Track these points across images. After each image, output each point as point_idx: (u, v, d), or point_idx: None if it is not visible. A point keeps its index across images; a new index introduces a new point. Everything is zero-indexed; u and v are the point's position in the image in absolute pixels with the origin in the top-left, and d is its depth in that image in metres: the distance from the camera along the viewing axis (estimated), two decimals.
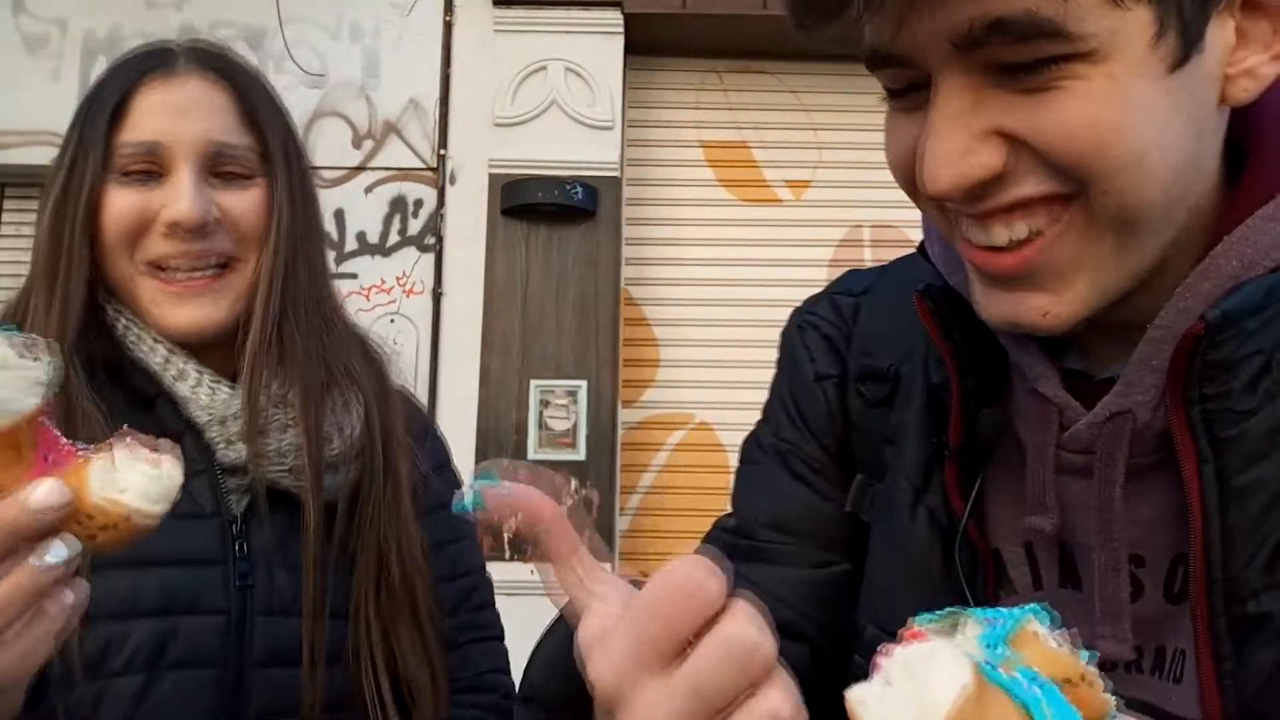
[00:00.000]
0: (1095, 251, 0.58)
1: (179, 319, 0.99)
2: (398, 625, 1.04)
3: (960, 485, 0.71)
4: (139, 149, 0.99)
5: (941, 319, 0.69)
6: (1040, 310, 0.60)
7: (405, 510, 1.07)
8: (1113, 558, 0.64)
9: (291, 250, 1.04)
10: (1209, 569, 0.59)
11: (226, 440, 0.99)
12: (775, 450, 0.85)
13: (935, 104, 0.58)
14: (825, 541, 0.81)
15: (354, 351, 1.12)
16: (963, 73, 0.57)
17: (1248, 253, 0.60)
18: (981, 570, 0.70)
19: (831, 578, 0.80)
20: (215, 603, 0.96)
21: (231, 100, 1.04)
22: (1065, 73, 0.54)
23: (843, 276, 0.90)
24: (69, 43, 4.41)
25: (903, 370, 0.78)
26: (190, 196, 0.97)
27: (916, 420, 0.75)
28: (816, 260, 4.51)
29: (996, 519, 0.72)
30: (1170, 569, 0.65)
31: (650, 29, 4.43)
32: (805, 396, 0.85)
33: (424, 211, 4.38)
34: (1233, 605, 0.58)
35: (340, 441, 1.03)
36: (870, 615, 0.76)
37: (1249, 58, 0.58)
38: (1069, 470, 0.66)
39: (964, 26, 0.54)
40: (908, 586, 0.73)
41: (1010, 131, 0.56)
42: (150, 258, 0.99)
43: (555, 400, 4.16)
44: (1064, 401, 0.66)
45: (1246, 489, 0.58)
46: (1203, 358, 0.59)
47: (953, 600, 0.68)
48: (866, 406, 0.81)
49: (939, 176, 0.58)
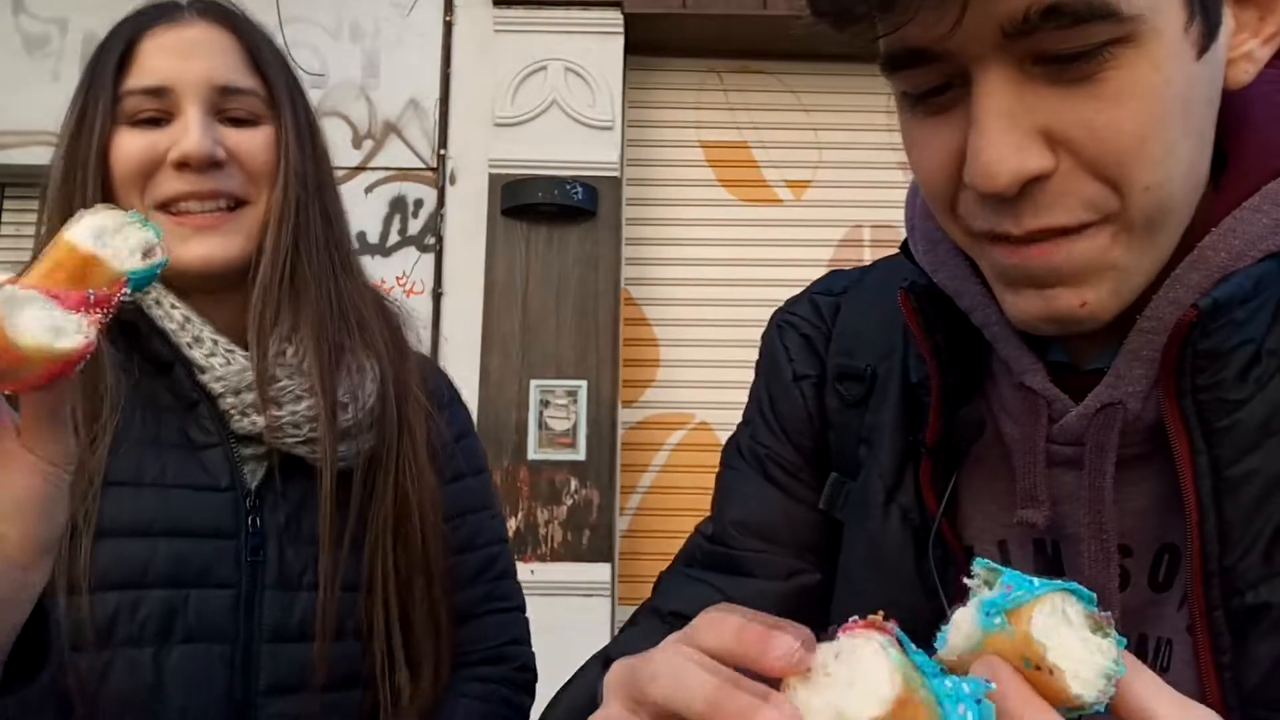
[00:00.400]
0: (1127, 254, 0.58)
1: (191, 254, 0.98)
2: (413, 590, 1.04)
3: (934, 483, 0.71)
4: (146, 93, 0.99)
5: (924, 316, 0.69)
6: (1078, 300, 0.59)
7: (425, 476, 1.07)
8: (1103, 550, 0.64)
9: (301, 190, 1.04)
10: (1205, 561, 0.59)
11: (241, 410, 0.99)
12: (753, 454, 0.85)
13: (981, 100, 0.56)
14: (798, 548, 0.81)
15: (369, 305, 1.11)
16: (1005, 65, 0.55)
17: (1235, 244, 0.60)
18: (954, 569, 0.70)
19: (802, 589, 0.80)
20: (226, 576, 0.96)
21: (236, 44, 1.04)
22: (1112, 59, 0.54)
23: (824, 276, 0.91)
24: (69, 43, 4.41)
25: (879, 369, 0.78)
26: (198, 132, 0.98)
27: (891, 419, 0.74)
28: (816, 260, 4.51)
29: (970, 517, 0.72)
30: (1155, 558, 0.65)
31: (650, 29, 4.43)
32: (782, 398, 0.85)
33: (424, 211, 4.38)
34: (1231, 597, 0.58)
35: (355, 409, 1.03)
36: (839, 617, 0.75)
37: (1246, 42, 0.60)
38: (1058, 462, 0.66)
39: (1019, 13, 0.53)
40: (879, 586, 0.73)
41: (1057, 133, 0.56)
42: (161, 197, 0.99)
43: (555, 400, 4.16)
44: (1052, 395, 0.66)
45: (1241, 479, 0.59)
46: (1194, 348, 0.59)
47: (925, 601, 0.69)
48: (844, 406, 0.81)
49: (998, 173, 0.55)
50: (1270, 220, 0.60)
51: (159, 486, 0.95)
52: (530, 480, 4.12)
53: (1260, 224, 0.60)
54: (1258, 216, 0.60)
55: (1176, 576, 0.65)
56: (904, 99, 0.62)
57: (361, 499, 1.02)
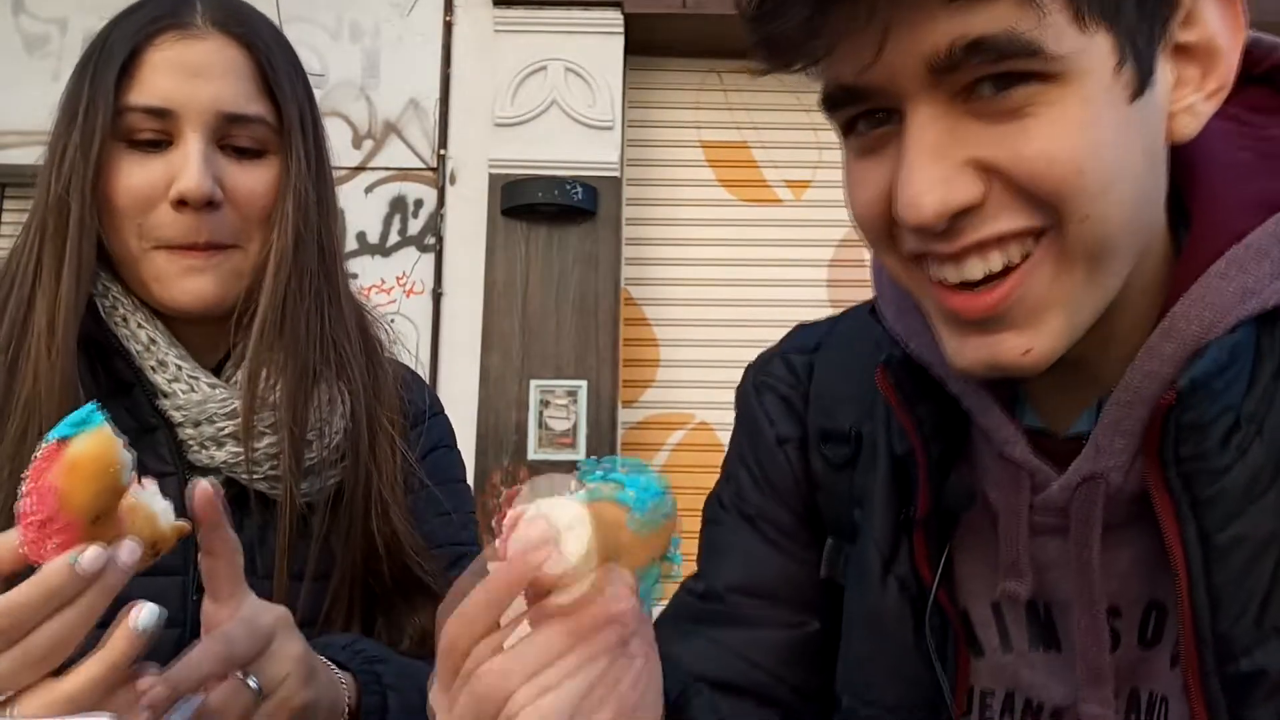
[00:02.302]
0: (1067, 285, 0.59)
1: (184, 291, 0.95)
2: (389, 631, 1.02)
3: (929, 554, 0.71)
4: (148, 112, 0.94)
5: (903, 391, 0.69)
6: (1020, 349, 0.59)
7: (394, 511, 1.03)
8: (1094, 621, 0.65)
9: (301, 229, 1.00)
10: (1198, 627, 0.59)
11: (200, 443, 0.96)
12: (740, 513, 0.85)
13: (909, 135, 0.57)
14: (799, 604, 0.81)
15: (351, 328, 1.07)
16: (935, 102, 0.56)
17: (1206, 315, 0.60)
18: (952, 634, 0.71)
19: (804, 638, 0.80)
20: (172, 615, 0.90)
21: (250, 64, 0.99)
22: (1040, 96, 0.55)
23: (792, 332, 0.90)
24: (69, 43, 4.41)
25: (863, 430, 0.78)
26: (197, 170, 0.93)
27: (882, 489, 0.74)
28: (816, 260, 4.51)
29: (965, 579, 0.73)
30: (1144, 616, 0.66)
31: (650, 29, 4.43)
32: (768, 461, 0.84)
33: (424, 211, 4.38)
34: (1225, 663, 0.58)
35: (320, 446, 0.99)
36: (846, 686, 0.76)
37: (1187, 96, 0.60)
38: (1043, 530, 0.67)
39: (942, 48, 0.54)
40: (880, 655, 0.73)
41: (987, 162, 0.56)
42: (156, 240, 0.95)
43: (555, 400, 4.16)
44: (1033, 466, 0.66)
45: (1229, 546, 0.59)
46: (1176, 421, 0.59)
47: (925, 668, 0.70)
48: (830, 468, 0.81)
49: (922, 205, 0.56)
50: (1238, 287, 0.60)
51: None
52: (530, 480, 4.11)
53: (1229, 292, 0.60)
54: (1225, 284, 0.61)
55: (1165, 631, 0.65)
56: (845, 139, 0.63)
57: (326, 533, 0.99)
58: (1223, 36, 0.60)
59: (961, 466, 0.71)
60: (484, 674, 0.48)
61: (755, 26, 0.57)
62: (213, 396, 0.97)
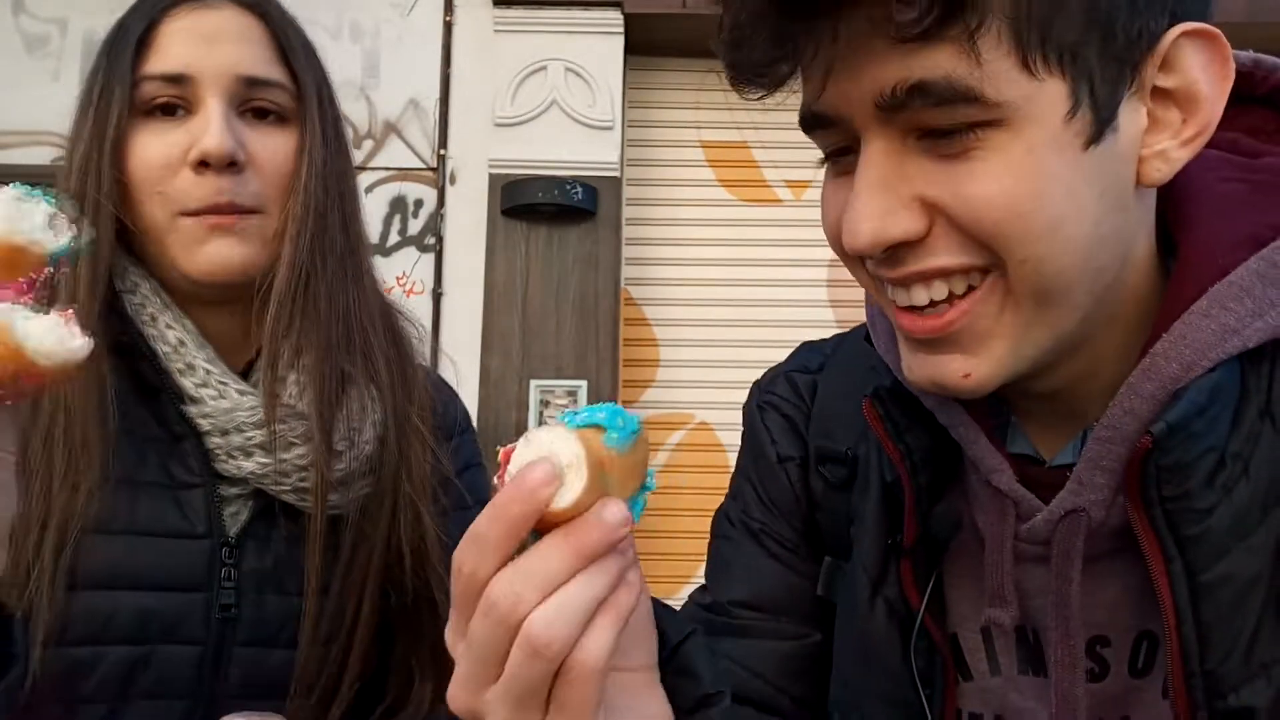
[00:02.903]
0: (1013, 320, 0.60)
1: (210, 258, 0.93)
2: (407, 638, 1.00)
3: (916, 580, 0.71)
4: (165, 79, 0.93)
5: (891, 422, 0.70)
6: (961, 372, 0.61)
7: (422, 521, 1.01)
8: (1069, 653, 0.65)
9: (323, 196, 0.98)
10: (1186, 662, 0.59)
11: (228, 452, 0.94)
12: (746, 528, 0.86)
13: (860, 165, 0.59)
14: (801, 617, 0.82)
15: (378, 321, 1.04)
16: (887, 137, 0.58)
17: (1186, 353, 0.60)
18: (940, 659, 0.71)
19: (805, 650, 0.81)
20: (193, 632, 0.91)
21: (264, 32, 0.98)
22: (983, 141, 0.56)
23: (798, 351, 0.91)
24: (69, 43, 4.40)
25: (859, 453, 0.79)
26: (219, 129, 0.91)
27: (873, 512, 0.75)
28: (816, 260, 4.50)
29: (954, 603, 0.73)
30: (1134, 645, 0.66)
31: (650, 29, 4.43)
32: (770, 479, 0.85)
33: (424, 212, 4.38)
34: (1214, 699, 0.58)
35: (350, 458, 0.97)
36: (836, 706, 0.77)
37: (1161, 141, 0.60)
38: (1029, 558, 0.67)
39: (887, 88, 0.56)
40: (868, 677, 0.74)
41: (931, 200, 0.58)
42: (179, 207, 0.93)
43: (555, 400, 4.16)
44: (1019, 495, 0.66)
45: (1216, 584, 0.59)
46: (1156, 464, 0.59)
47: (912, 691, 0.71)
48: (829, 488, 0.81)
49: (859, 233, 0.59)
50: (1219, 326, 0.60)
51: (129, 534, 0.90)
52: None
53: (1209, 330, 0.60)
54: (1206, 322, 0.61)
55: (1156, 662, 0.66)
56: (824, 158, 0.66)
57: (354, 544, 0.97)
58: (1204, 83, 0.59)
59: (953, 493, 0.72)
60: (498, 599, 0.48)
61: (724, 53, 0.62)
62: (241, 405, 0.94)
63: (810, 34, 0.56)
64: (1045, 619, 0.67)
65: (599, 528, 0.49)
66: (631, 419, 0.52)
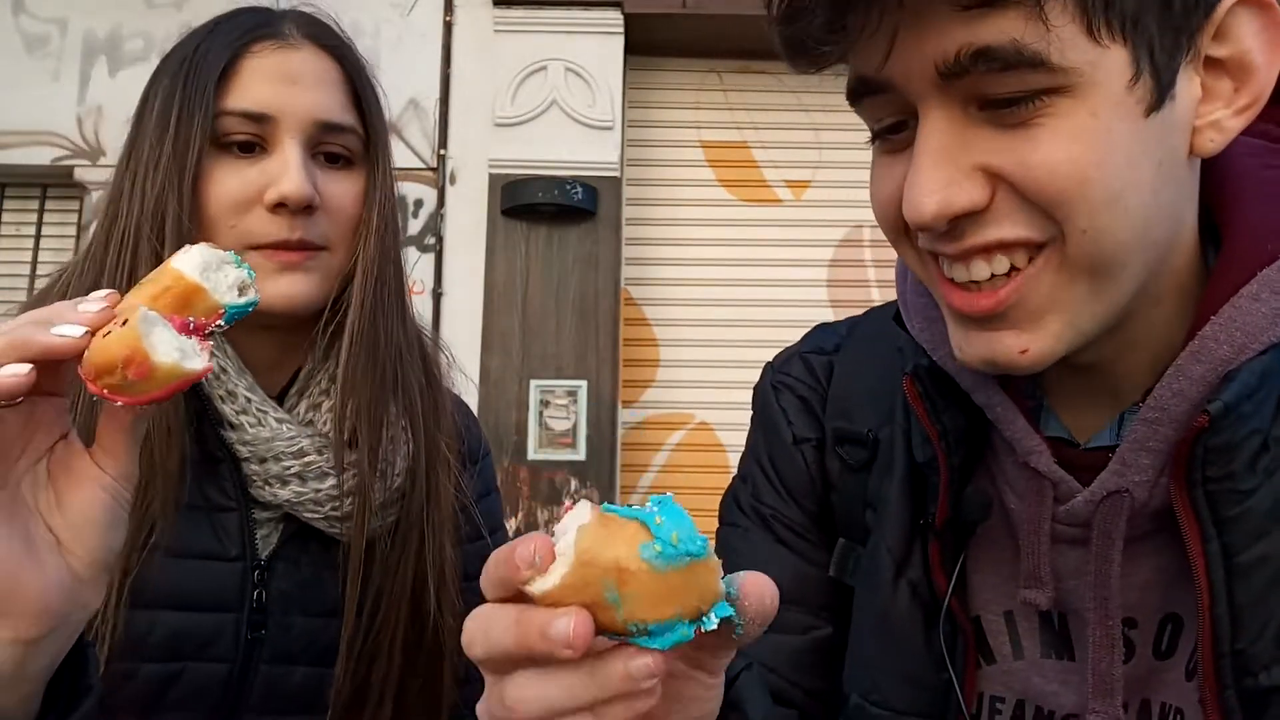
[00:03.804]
0: (1070, 294, 0.60)
1: (277, 292, 0.94)
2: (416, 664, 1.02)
3: (943, 562, 0.71)
4: (246, 116, 0.95)
5: (930, 400, 0.70)
6: (1018, 347, 0.61)
7: (444, 551, 1.03)
8: (1108, 633, 0.65)
9: (388, 241, 1.02)
10: (1217, 642, 0.59)
11: (264, 480, 0.96)
12: (756, 514, 0.85)
13: (921, 136, 0.59)
14: (812, 606, 0.82)
15: (415, 354, 1.07)
16: (947, 105, 0.58)
17: (1237, 336, 0.61)
18: (962, 640, 0.71)
19: (815, 643, 0.81)
20: (223, 651, 0.94)
21: (341, 76, 1.01)
22: (1048, 108, 0.56)
23: (812, 332, 0.90)
24: (69, 43, 4.41)
25: (881, 435, 0.78)
26: (298, 173, 0.94)
27: (898, 493, 0.75)
28: (816, 260, 4.51)
29: (977, 586, 0.73)
30: (1159, 627, 0.66)
31: (650, 29, 4.43)
32: (784, 460, 0.85)
33: (424, 211, 4.38)
34: (1243, 678, 0.59)
35: (382, 488, 0.99)
36: (854, 685, 0.77)
37: (1214, 111, 0.60)
38: (1063, 540, 0.67)
39: (951, 54, 0.55)
40: (889, 657, 0.73)
41: (995, 169, 0.58)
42: (253, 241, 0.95)
43: (555, 400, 4.16)
44: (1058, 477, 0.66)
45: (1252, 565, 0.59)
46: (1205, 444, 0.60)
47: (934, 672, 0.70)
48: (846, 470, 0.81)
49: (924, 205, 0.58)
50: (1270, 310, 0.61)
51: (166, 555, 0.92)
52: (530, 480, 4.12)
53: (1260, 314, 0.61)
54: (1256, 306, 0.61)
55: (1180, 644, 0.66)
56: (871, 135, 0.65)
57: (382, 570, 1.00)
58: (1258, 52, 0.59)
59: (980, 476, 0.72)
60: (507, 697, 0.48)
61: (779, 29, 0.60)
62: (280, 434, 0.96)
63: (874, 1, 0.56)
64: (1076, 601, 0.67)
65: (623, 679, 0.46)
66: (692, 541, 0.44)
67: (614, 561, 0.44)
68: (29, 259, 4.44)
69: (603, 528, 0.44)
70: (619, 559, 0.44)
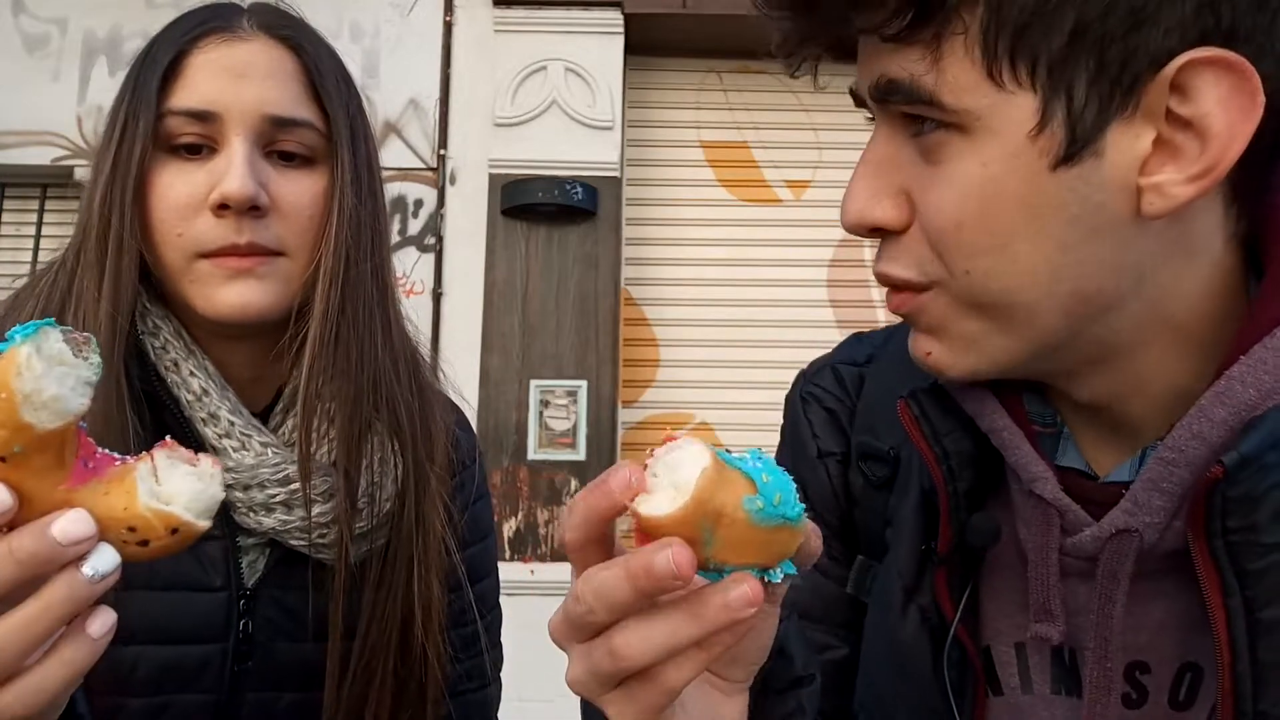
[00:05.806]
0: (964, 325, 0.60)
1: (228, 298, 0.89)
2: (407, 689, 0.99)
3: (951, 589, 0.69)
4: (190, 115, 0.89)
5: (928, 424, 0.68)
6: (924, 350, 0.63)
7: (432, 578, 0.99)
8: (1105, 675, 0.63)
9: (351, 246, 0.94)
10: (1239, 700, 0.56)
11: (249, 508, 0.92)
12: None
13: (866, 147, 0.62)
14: (831, 624, 0.81)
15: (404, 373, 1.02)
16: (890, 124, 0.61)
17: (1265, 380, 0.57)
18: (971, 671, 0.69)
19: (832, 666, 0.79)
20: (210, 683, 0.91)
21: (297, 67, 0.94)
22: (948, 146, 0.57)
23: (847, 341, 0.89)
24: (69, 43, 4.41)
25: (902, 453, 0.77)
26: (241, 171, 0.87)
27: (911, 517, 0.73)
28: (816, 260, 4.51)
29: (988, 616, 0.71)
30: (1177, 676, 0.64)
31: (650, 29, 4.43)
32: (809, 473, 0.83)
33: (424, 211, 4.38)
34: None
35: (371, 513, 0.96)
36: (863, 705, 0.76)
37: (1162, 173, 0.55)
38: (1073, 573, 0.65)
39: (877, 81, 0.58)
40: (897, 682, 0.72)
41: (912, 195, 0.60)
42: (198, 249, 0.89)
43: (555, 400, 4.16)
44: (1064, 505, 0.64)
45: (1276, 623, 0.56)
46: (1223, 494, 0.56)
47: (941, 700, 0.69)
48: (869, 486, 0.80)
49: (845, 212, 0.62)
50: None
51: (148, 590, 0.89)
52: (530, 480, 4.12)
53: None
54: None
55: (1199, 696, 0.63)
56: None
57: (374, 592, 0.97)
58: (1218, 118, 0.53)
59: (994, 502, 0.69)
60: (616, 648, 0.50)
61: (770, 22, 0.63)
62: (265, 460, 0.92)
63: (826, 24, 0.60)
64: (1084, 638, 0.65)
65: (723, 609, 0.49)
66: (791, 506, 0.48)
67: (720, 506, 0.47)
68: (29, 259, 4.45)
69: (718, 473, 0.47)
70: (724, 505, 0.47)
